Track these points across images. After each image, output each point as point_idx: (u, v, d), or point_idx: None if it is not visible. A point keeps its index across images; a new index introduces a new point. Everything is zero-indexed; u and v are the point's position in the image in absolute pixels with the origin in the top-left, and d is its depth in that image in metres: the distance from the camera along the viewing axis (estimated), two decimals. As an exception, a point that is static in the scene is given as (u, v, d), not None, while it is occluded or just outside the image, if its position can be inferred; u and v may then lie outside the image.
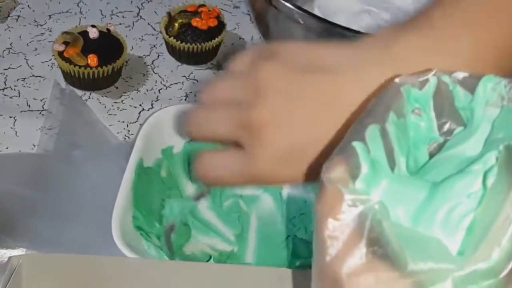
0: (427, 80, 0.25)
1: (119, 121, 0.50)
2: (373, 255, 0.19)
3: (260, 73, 0.28)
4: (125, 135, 0.49)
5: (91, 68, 0.49)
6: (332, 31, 0.45)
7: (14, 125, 0.48)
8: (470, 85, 0.24)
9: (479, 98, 0.24)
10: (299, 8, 0.46)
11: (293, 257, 0.42)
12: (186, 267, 0.37)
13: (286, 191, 0.45)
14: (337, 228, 0.20)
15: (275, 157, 0.27)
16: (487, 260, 0.19)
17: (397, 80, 0.25)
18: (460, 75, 0.24)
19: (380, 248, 0.19)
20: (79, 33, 0.51)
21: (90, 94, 0.51)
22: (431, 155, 0.25)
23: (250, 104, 0.28)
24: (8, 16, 0.57)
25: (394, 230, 0.20)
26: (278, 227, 0.44)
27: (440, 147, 0.25)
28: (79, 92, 0.51)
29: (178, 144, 0.44)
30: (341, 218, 0.20)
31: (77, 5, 0.59)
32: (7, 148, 0.47)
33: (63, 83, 0.52)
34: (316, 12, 0.54)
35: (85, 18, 0.58)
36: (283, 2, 0.46)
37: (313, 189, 0.44)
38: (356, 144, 0.21)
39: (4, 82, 0.52)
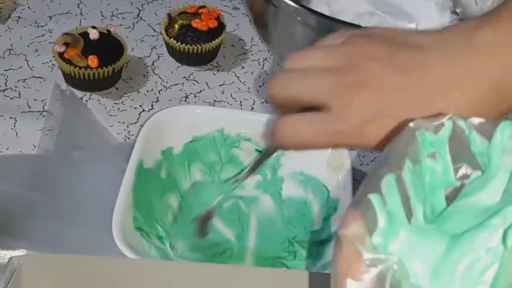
0: (442, 125, 0.25)
1: (119, 122, 0.50)
2: None
3: (357, 44, 0.29)
4: (126, 136, 0.49)
5: (92, 69, 0.49)
6: (332, 28, 0.45)
7: (14, 126, 0.48)
8: (487, 131, 0.24)
9: (496, 145, 0.24)
10: (298, 4, 0.46)
11: (293, 258, 0.42)
12: (186, 267, 0.37)
13: (285, 192, 0.45)
14: (354, 286, 0.20)
15: (365, 115, 0.28)
16: None
17: (411, 124, 0.25)
18: (476, 120, 0.25)
19: None
20: (79, 34, 0.51)
21: (90, 95, 0.51)
22: (448, 199, 0.25)
23: (347, 68, 0.28)
24: (9, 17, 0.57)
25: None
26: (277, 227, 0.44)
27: (456, 191, 0.25)
28: (79, 93, 0.51)
29: (178, 145, 0.44)
30: (360, 278, 0.20)
31: (78, 7, 0.59)
32: (7, 148, 0.47)
33: (63, 84, 0.52)
34: (325, 9, 0.55)
35: (85, 19, 0.58)
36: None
37: (312, 190, 0.45)
38: (372, 197, 0.21)
39: (5, 83, 0.52)
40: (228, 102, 0.53)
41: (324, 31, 0.45)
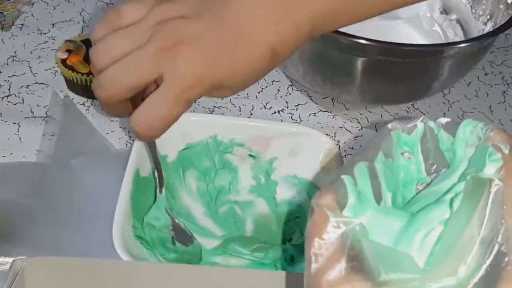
0: (415, 126, 0.27)
1: (120, 127, 0.50)
2: (351, 269, 0.22)
3: (159, 13, 0.30)
4: (126, 141, 0.49)
5: (94, 75, 0.50)
6: (331, 38, 0.45)
7: (18, 131, 0.49)
8: (452, 128, 0.27)
9: (459, 140, 0.26)
10: None
11: (289, 260, 0.42)
12: (185, 270, 0.37)
13: (279, 196, 0.46)
14: (322, 246, 0.22)
15: (197, 69, 0.29)
16: (454, 276, 0.21)
17: (388, 125, 0.27)
18: (443, 120, 0.27)
19: (358, 263, 0.22)
20: (81, 41, 0.51)
21: (92, 101, 0.52)
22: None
23: (160, 35, 0.29)
24: (12, 24, 0.58)
25: (371, 247, 0.22)
26: (273, 230, 0.45)
27: (427, 186, 0.27)
28: (81, 99, 0.52)
29: (172, 153, 0.44)
30: (325, 237, 0.22)
31: (80, 14, 0.60)
32: (11, 153, 0.47)
33: (66, 91, 0.52)
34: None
35: (87, 26, 0.59)
36: None
37: (306, 193, 0.45)
38: (345, 177, 0.24)
39: (8, 89, 0.52)
40: (227, 108, 0.53)
41: (324, 41, 0.46)
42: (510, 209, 0.22)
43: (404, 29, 0.58)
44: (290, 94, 0.55)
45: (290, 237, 0.44)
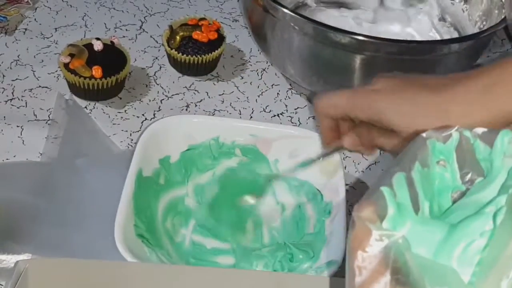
0: (450, 135, 0.28)
1: (122, 130, 0.51)
2: (396, 282, 0.22)
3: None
4: (128, 144, 0.50)
5: (96, 79, 0.50)
6: (329, 36, 0.46)
7: (21, 134, 0.49)
8: (489, 139, 0.27)
9: (497, 150, 0.27)
10: (296, 13, 0.47)
11: (289, 260, 0.43)
12: (187, 271, 0.38)
13: (280, 197, 0.46)
14: (366, 259, 0.23)
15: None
16: None
17: (424, 134, 0.28)
18: (480, 130, 0.28)
19: (403, 276, 0.22)
20: (84, 45, 0.52)
21: (94, 104, 0.53)
22: (454, 202, 0.28)
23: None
24: (16, 29, 0.59)
25: (415, 261, 0.22)
26: (273, 231, 0.45)
27: (462, 196, 0.28)
28: (83, 103, 0.52)
29: (175, 154, 0.45)
30: (368, 250, 0.23)
31: (82, 19, 0.61)
32: (14, 156, 0.48)
33: (68, 94, 0.53)
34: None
35: (90, 31, 0.59)
36: (280, 7, 0.47)
37: (306, 195, 0.46)
38: (384, 189, 0.24)
39: (12, 93, 0.53)
40: (227, 111, 0.54)
41: (322, 40, 0.47)
42: None
43: (402, 33, 0.59)
44: (289, 98, 0.56)
45: (290, 238, 0.44)
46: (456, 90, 0.33)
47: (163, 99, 0.54)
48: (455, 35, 0.58)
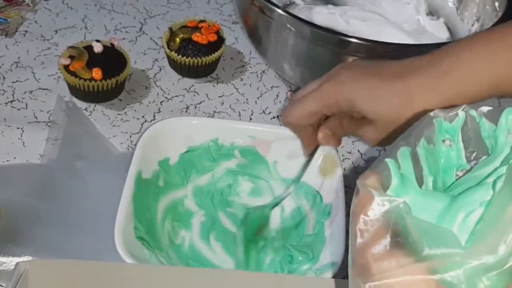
0: (456, 114, 0.29)
1: (122, 132, 0.51)
2: (396, 244, 0.23)
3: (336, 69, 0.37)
4: (128, 146, 0.50)
5: (96, 81, 0.50)
6: (324, 37, 0.46)
7: (21, 136, 0.50)
8: (494, 117, 0.28)
9: (502, 127, 0.27)
10: (290, 14, 0.47)
11: (288, 261, 0.43)
12: (187, 273, 0.38)
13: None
14: (368, 222, 0.23)
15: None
16: (494, 254, 0.22)
17: (431, 113, 0.28)
18: (485, 109, 0.28)
19: (402, 238, 0.23)
20: (84, 47, 0.52)
21: (94, 106, 0.53)
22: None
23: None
24: (16, 31, 0.59)
25: (415, 224, 0.23)
26: (273, 232, 0.45)
27: (467, 173, 0.28)
28: (84, 104, 0.52)
29: (174, 156, 0.45)
30: (370, 214, 0.23)
31: (82, 21, 0.61)
32: (15, 158, 0.48)
33: (68, 96, 0.53)
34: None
35: (90, 33, 0.60)
36: (275, 8, 0.47)
37: (305, 196, 0.46)
38: (389, 161, 0.25)
39: (12, 95, 0.53)
40: (227, 113, 0.54)
41: (318, 41, 0.47)
42: None
43: (393, 32, 0.59)
44: (289, 99, 0.56)
45: (290, 239, 0.44)
46: (418, 76, 0.34)
47: (163, 101, 0.54)
48: (445, 31, 0.58)
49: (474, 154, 0.28)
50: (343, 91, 0.36)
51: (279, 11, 0.47)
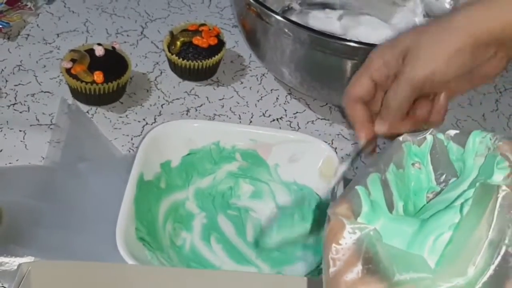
0: (424, 138, 0.29)
1: (123, 134, 0.51)
2: (367, 271, 0.23)
3: None
4: (130, 148, 0.50)
5: (97, 84, 0.51)
6: (323, 42, 0.47)
7: (24, 139, 0.50)
8: (461, 140, 0.28)
9: (469, 150, 0.28)
10: (288, 19, 0.48)
11: (289, 264, 0.43)
12: (188, 274, 0.38)
13: (279, 201, 0.47)
14: (339, 251, 0.24)
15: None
16: (464, 276, 0.23)
17: (400, 138, 0.29)
18: (452, 132, 0.29)
19: (373, 265, 0.23)
20: (85, 51, 0.52)
21: (96, 109, 0.53)
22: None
23: None
24: (18, 35, 0.59)
25: (385, 251, 0.24)
26: (273, 235, 0.46)
27: (437, 195, 0.29)
28: (85, 107, 0.53)
29: (176, 158, 0.45)
30: (342, 242, 0.24)
31: (84, 25, 0.61)
32: (17, 160, 0.48)
33: (70, 99, 0.53)
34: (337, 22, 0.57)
35: (91, 36, 0.60)
36: (272, 14, 0.47)
37: (307, 198, 0.46)
38: (359, 188, 0.25)
39: (15, 98, 0.53)
40: (227, 116, 0.55)
41: (315, 46, 0.48)
42: None
43: (390, 34, 0.59)
44: (288, 103, 0.56)
45: (290, 241, 0.45)
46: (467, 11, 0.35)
47: (163, 104, 0.55)
48: None
49: (444, 176, 0.29)
50: (400, 40, 0.37)
51: (277, 16, 0.48)
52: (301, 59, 0.50)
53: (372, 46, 0.46)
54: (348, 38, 0.49)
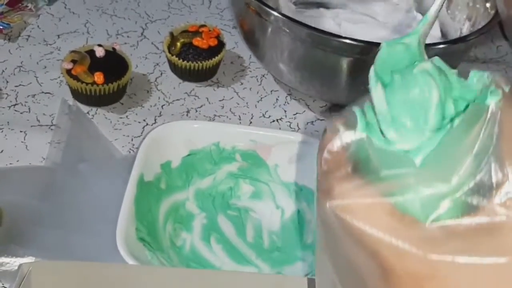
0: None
1: (124, 135, 0.52)
2: (356, 169, 0.24)
3: None
4: (130, 149, 0.51)
5: (98, 85, 0.51)
6: (321, 40, 0.47)
7: (24, 139, 0.50)
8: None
9: (467, 84, 0.28)
10: (287, 17, 0.48)
11: (289, 265, 0.43)
12: (188, 274, 0.38)
13: (279, 202, 0.47)
14: (333, 153, 0.25)
15: None
16: (447, 184, 0.23)
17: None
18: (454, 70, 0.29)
19: (363, 165, 0.24)
20: (86, 52, 0.52)
21: (96, 110, 0.53)
22: None
23: None
24: (19, 36, 0.59)
25: (376, 153, 0.24)
26: (273, 236, 0.46)
27: None
28: (86, 108, 0.53)
29: (176, 159, 0.46)
30: (335, 145, 0.25)
31: (85, 26, 0.62)
32: (17, 161, 0.48)
33: (71, 100, 0.53)
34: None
35: (92, 37, 0.60)
36: (271, 11, 0.48)
37: (305, 199, 0.46)
38: (356, 109, 0.26)
39: (15, 99, 0.53)
40: (227, 117, 0.55)
41: (314, 44, 0.48)
42: (506, 134, 0.23)
43: (385, 33, 0.60)
44: (288, 103, 0.57)
45: (290, 242, 0.45)
46: None
47: (164, 105, 0.55)
48: (436, 29, 0.58)
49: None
50: None
51: (276, 13, 0.48)
52: (301, 57, 0.50)
53: (371, 44, 0.46)
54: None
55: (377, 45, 0.29)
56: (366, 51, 0.46)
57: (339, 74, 0.49)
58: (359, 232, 0.23)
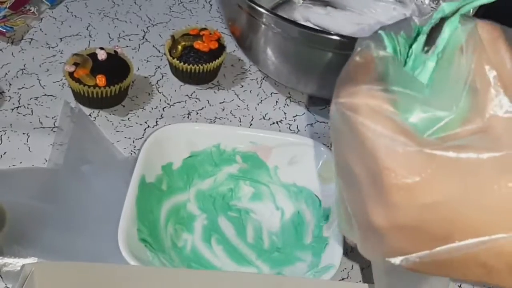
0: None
1: (125, 137, 0.52)
2: (374, 79, 0.26)
3: None
4: (131, 151, 0.51)
5: (100, 87, 0.51)
6: (313, 38, 0.47)
7: (27, 141, 0.50)
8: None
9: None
10: (279, 16, 0.48)
11: (289, 265, 0.44)
12: (189, 274, 0.39)
13: (279, 203, 0.47)
14: (358, 62, 0.27)
15: None
16: (450, 111, 0.25)
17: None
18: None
19: (381, 76, 0.26)
20: (88, 55, 0.53)
21: (98, 112, 0.54)
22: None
23: None
24: (22, 39, 0.60)
25: (397, 70, 0.26)
26: (273, 237, 0.46)
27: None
28: (88, 110, 0.53)
29: (177, 161, 0.46)
30: (361, 57, 0.27)
31: (87, 29, 0.62)
32: (20, 162, 0.49)
33: (73, 102, 0.54)
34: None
35: (94, 41, 0.61)
36: (262, 10, 0.48)
37: (305, 201, 0.47)
38: (386, 33, 0.28)
39: (18, 101, 0.54)
40: (228, 119, 0.55)
41: (305, 42, 0.48)
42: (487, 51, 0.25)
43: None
44: (288, 106, 0.57)
45: (289, 243, 0.45)
46: None
47: (165, 107, 0.55)
48: None
49: None
50: None
51: (267, 13, 0.48)
52: (301, 60, 0.50)
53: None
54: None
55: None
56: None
57: (336, 70, 0.49)
58: (360, 128, 0.25)
